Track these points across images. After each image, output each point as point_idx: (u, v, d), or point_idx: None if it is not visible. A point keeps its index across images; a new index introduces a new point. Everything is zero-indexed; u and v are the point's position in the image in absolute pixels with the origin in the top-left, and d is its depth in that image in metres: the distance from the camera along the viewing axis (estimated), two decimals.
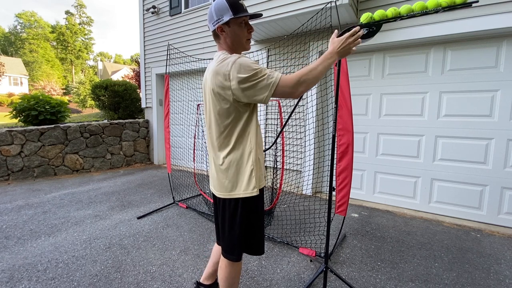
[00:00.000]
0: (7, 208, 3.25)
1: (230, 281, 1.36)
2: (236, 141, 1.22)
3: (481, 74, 2.86)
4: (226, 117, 1.19)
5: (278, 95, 1.12)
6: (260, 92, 1.10)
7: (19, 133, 4.49)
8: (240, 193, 1.24)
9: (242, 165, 1.23)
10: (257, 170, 1.24)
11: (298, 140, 3.91)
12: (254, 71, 1.09)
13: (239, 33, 1.24)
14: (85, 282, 1.87)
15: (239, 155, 1.23)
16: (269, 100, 1.13)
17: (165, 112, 3.42)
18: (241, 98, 1.13)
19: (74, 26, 40.54)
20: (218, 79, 1.14)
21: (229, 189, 1.25)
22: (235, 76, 1.09)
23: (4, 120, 11.46)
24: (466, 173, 2.98)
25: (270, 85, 1.09)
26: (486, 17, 2.64)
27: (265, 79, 1.10)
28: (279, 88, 1.10)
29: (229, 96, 1.14)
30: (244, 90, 1.11)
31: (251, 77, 1.09)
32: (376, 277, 1.96)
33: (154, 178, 4.89)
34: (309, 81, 1.12)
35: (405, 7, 1.35)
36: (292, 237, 2.52)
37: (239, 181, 1.23)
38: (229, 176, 1.24)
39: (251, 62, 1.11)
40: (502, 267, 2.10)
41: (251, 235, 1.30)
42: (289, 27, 3.59)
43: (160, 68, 5.82)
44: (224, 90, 1.14)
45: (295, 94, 1.13)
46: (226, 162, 1.24)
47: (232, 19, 1.19)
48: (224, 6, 1.18)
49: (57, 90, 24.41)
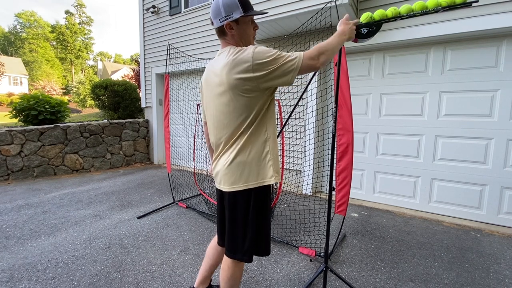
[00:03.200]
0: (7, 208, 3.25)
1: (232, 282, 1.33)
2: (253, 131, 1.19)
3: (481, 74, 2.86)
4: (246, 109, 1.17)
5: (303, 69, 1.14)
6: (286, 73, 1.12)
7: (19, 132, 4.49)
8: (255, 183, 1.21)
9: (258, 153, 1.21)
10: (273, 159, 1.24)
11: (298, 140, 3.91)
12: (276, 56, 1.11)
13: (247, 31, 1.24)
14: (85, 281, 1.87)
15: (255, 144, 1.21)
16: (294, 80, 1.15)
17: (165, 111, 3.42)
18: (267, 84, 1.14)
19: (74, 25, 40.49)
20: (239, 73, 1.11)
21: (243, 179, 1.20)
22: (259, 64, 1.09)
23: (4, 120, 11.45)
24: (466, 172, 2.98)
25: (295, 64, 1.12)
26: (486, 16, 2.64)
27: (289, 61, 1.11)
28: (304, 62, 1.13)
29: (254, 87, 1.13)
30: (269, 75, 1.11)
31: (274, 61, 1.10)
32: (376, 276, 1.97)
33: (154, 178, 4.89)
34: (328, 52, 1.17)
35: (405, 7, 1.35)
36: (292, 237, 2.52)
37: (254, 170, 1.21)
38: (245, 167, 1.20)
39: (268, 48, 1.13)
40: (501, 266, 2.11)
41: (261, 231, 1.26)
42: (289, 27, 3.59)
43: (160, 67, 5.82)
44: (249, 82, 1.12)
45: (317, 65, 1.16)
46: (241, 153, 1.20)
47: (242, 16, 1.19)
48: (234, 3, 1.17)
49: (57, 90, 24.39)
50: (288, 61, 1.11)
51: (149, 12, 5.84)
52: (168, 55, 3.74)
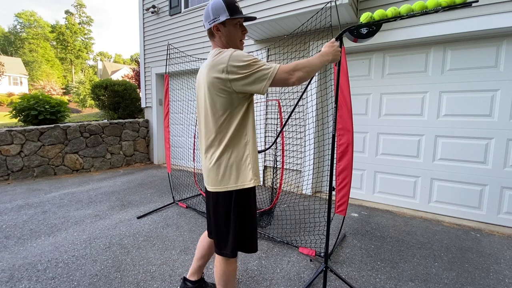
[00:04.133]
0: (7, 207, 3.25)
1: (225, 278, 1.36)
2: (233, 133, 1.23)
3: (481, 74, 2.86)
4: (224, 110, 1.21)
5: (276, 82, 1.16)
6: (258, 81, 1.14)
7: (19, 132, 4.49)
8: (235, 185, 1.25)
9: (238, 157, 1.25)
10: (253, 162, 1.27)
11: (298, 140, 3.91)
12: (251, 62, 1.14)
13: (234, 33, 1.29)
14: (85, 281, 1.87)
15: (236, 147, 1.25)
16: (266, 90, 1.16)
17: (165, 111, 3.42)
18: (240, 88, 1.16)
19: (74, 25, 40.48)
20: (215, 72, 1.16)
21: (225, 181, 1.26)
22: (233, 67, 1.13)
23: (3, 120, 11.45)
24: (466, 172, 2.98)
25: (268, 74, 1.14)
26: (486, 16, 2.64)
27: (263, 69, 1.14)
28: (278, 75, 1.15)
29: (228, 88, 1.17)
30: (241, 80, 1.14)
31: (248, 67, 1.13)
32: (376, 276, 1.97)
33: (154, 177, 4.89)
34: (305, 70, 1.19)
35: (405, 7, 1.35)
36: (292, 237, 2.52)
37: (234, 173, 1.25)
38: (226, 169, 1.25)
39: (247, 54, 1.17)
40: (501, 266, 2.11)
41: (244, 230, 1.31)
42: (289, 27, 3.59)
43: (160, 67, 5.82)
44: (223, 82, 1.16)
45: (291, 79, 1.17)
46: (222, 155, 1.25)
47: (228, 19, 1.24)
48: (221, 7, 1.23)
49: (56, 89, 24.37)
50: (262, 69, 1.14)
51: (149, 12, 5.84)
52: (168, 55, 3.74)
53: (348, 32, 1.55)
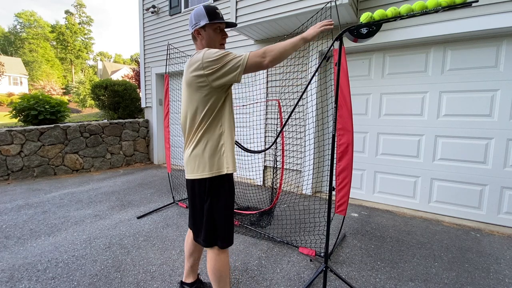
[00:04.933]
0: (7, 207, 3.25)
1: (217, 273, 1.38)
2: (209, 125, 1.33)
3: (481, 74, 2.86)
4: (201, 104, 1.31)
5: (250, 67, 1.24)
6: (232, 70, 1.23)
7: (18, 132, 4.49)
8: (210, 173, 1.32)
9: (213, 146, 1.33)
10: (228, 151, 1.35)
11: (298, 140, 3.91)
12: (222, 55, 1.23)
13: (213, 37, 1.40)
14: (85, 281, 1.87)
15: (211, 137, 1.33)
16: (241, 77, 1.25)
17: (165, 111, 3.42)
18: (217, 82, 1.26)
19: (73, 25, 40.47)
20: (193, 70, 1.28)
21: (200, 169, 1.33)
22: (207, 62, 1.23)
23: (3, 120, 11.45)
24: (466, 172, 2.98)
25: (240, 62, 1.23)
26: (486, 16, 2.64)
27: (234, 59, 1.23)
28: (250, 60, 1.23)
29: (205, 83, 1.27)
30: (216, 72, 1.24)
31: (220, 60, 1.23)
32: (376, 276, 1.97)
33: (154, 177, 4.89)
34: (276, 51, 1.25)
35: (405, 7, 1.35)
36: (292, 237, 2.52)
37: (209, 161, 1.33)
38: (202, 157, 1.33)
39: (217, 50, 1.27)
40: (501, 266, 2.11)
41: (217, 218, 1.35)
42: (289, 27, 3.58)
43: (160, 67, 5.82)
44: (201, 78, 1.26)
45: (264, 62, 1.25)
46: (198, 145, 1.34)
47: (207, 24, 1.36)
48: (202, 13, 1.36)
49: (56, 89, 24.37)
50: (233, 59, 1.23)
51: (149, 12, 5.84)
52: (168, 55, 3.74)
53: (348, 32, 1.55)
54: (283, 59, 1.28)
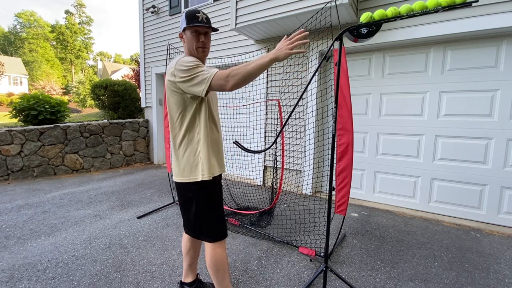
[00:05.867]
0: (7, 207, 3.25)
1: (213, 266, 1.42)
2: (186, 131, 1.38)
3: (481, 74, 2.86)
4: (177, 108, 1.37)
5: (214, 87, 1.24)
6: (198, 85, 1.25)
7: (18, 132, 4.48)
8: (188, 178, 1.39)
9: (192, 152, 1.39)
10: (204, 159, 1.38)
11: (298, 140, 3.91)
12: (191, 67, 1.26)
13: (190, 40, 1.42)
14: (85, 281, 1.87)
15: (190, 144, 1.39)
16: (206, 93, 1.24)
17: (165, 111, 3.41)
18: (184, 90, 1.30)
19: (73, 25, 40.46)
20: (168, 76, 1.35)
21: (183, 174, 1.40)
22: (178, 71, 1.28)
23: (3, 120, 11.45)
24: (466, 172, 2.98)
25: (206, 79, 1.23)
26: (486, 16, 2.64)
27: (201, 74, 1.24)
28: (214, 81, 1.22)
29: (177, 89, 1.33)
30: (184, 83, 1.28)
31: (188, 72, 1.26)
32: (376, 276, 1.97)
33: (154, 177, 4.89)
34: (240, 75, 1.19)
35: (405, 7, 1.35)
36: (292, 237, 2.52)
37: (188, 167, 1.39)
38: (183, 162, 1.40)
39: (190, 60, 1.29)
40: (501, 266, 2.11)
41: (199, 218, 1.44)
42: (289, 27, 3.58)
43: (160, 67, 5.82)
44: (173, 84, 1.32)
45: (227, 86, 1.22)
46: (179, 150, 1.41)
47: (186, 27, 1.40)
48: (183, 17, 1.42)
49: (56, 89, 24.36)
50: (200, 75, 1.25)
51: (149, 12, 5.84)
52: (168, 55, 3.74)
53: (348, 32, 1.55)
54: (248, 82, 1.23)
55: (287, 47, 1.20)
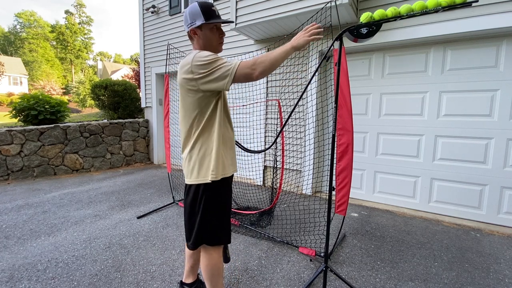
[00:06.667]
0: (7, 207, 3.25)
1: (208, 272, 1.40)
2: (202, 130, 1.31)
3: (481, 74, 2.86)
4: (193, 109, 1.29)
5: (239, 78, 1.20)
6: (220, 79, 1.20)
7: (18, 132, 4.49)
8: (203, 179, 1.32)
9: (207, 152, 1.32)
10: (218, 157, 1.32)
11: (298, 140, 3.91)
12: (211, 61, 1.19)
13: (210, 37, 1.34)
14: (85, 281, 1.87)
15: (204, 143, 1.32)
16: (230, 86, 1.21)
17: (165, 111, 3.42)
18: (205, 86, 1.23)
19: (73, 25, 40.47)
20: (183, 73, 1.25)
21: (194, 174, 1.33)
22: (196, 66, 1.20)
23: (4, 120, 11.44)
24: (466, 172, 2.98)
25: (229, 70, 1.19)
26: (486, 16, 2.64)
27: (223, 67, 1.19)
28: (239, 71, 1.18)
29: (195, 87, 1.24)
30: (204, 79, 1.20)
31: (208, 66, 1.19)
32: (375, 276, 1.97)
33: (154, 177, 4.89)
34: (267, 62, 1.19)
35: (405, 7, 1.35)
36: (292, 237, 2.52)
37: (201, 167, 1.32)
38: (195, 163, 1.33)
39: (208, 54, 1.22)
40: (501, 266, 2.11)
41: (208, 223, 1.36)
42: (289, 27, 3.58)
43: (160, 67, 5.82)
44: (190, 82, 1.24)
45: (254, 74, 1.20)
46: (192, 150, 1.33)
47: (204, 24, 1.30)
48: (197, 12, 1.30)
49: (56, 89, 24.36)
50: (223, 67, 1.19)
51: (149, 12, 5.84)
52: (168, 55, 3.74)
53: (348, 32, 1.55)
54: (273, 70, 1.24)
55: (305, 35, 1.27)
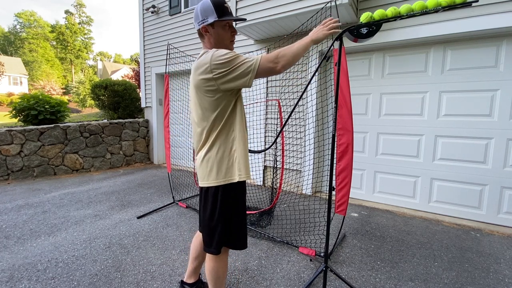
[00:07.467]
0: (7, 207, 3.25)
1: (214, 274, 1.37)
2: (221, 130, 1.26)
3: (481, 74, 2.86)
4: (212, 109, 1.24)
5: (261, 73, 1.18)
6: (242, 75, 1.17)
7: (18, 132, 4.48)
8: (223, 180, 1.27)
9: (226, 152, 1.28)
10: (240, 157, 1.28)
11: (298, 140, 3.91)
12: (231, 58, 1.16)
13: (222, 35, 1.30)
14: (85, 281, 1.87)
15: (223, 143, 1.27)
16: (252, 82, 1.19)
17: (165, 111, 3.42)
18: (226, 85, 1.19)
19: (73, 25, 40.47)
20: (200, 73, 1.20)
21: (212, 176, 1.28)
22: (216, 65, 1.16)
23: (4, 120, 11.44)
24: (466, 172, 2.98)
25: (251, 66, 1.16)
26: (486, 16, 2.64)
27: (245, 63, 1.16)
28: (262, 65, 1.17)
29: (214, 87, 1.20)
30: (225, 77, 1.17)
31: (229, 63, 1.15)
32: (375, 276, 1.97)
33: (154, 177, 4.89)
34: (289, 55, 1.19)
35: (405, 7, 1.35)
36: (292, 237, 2.52)
37: (220, 168, 1.27)
38: (213, 164, 1.27)
39: (227, 52, 1.18)
40: (501, 266, 2.11)
41: (230, 227, 1.32)
42: (289, 27, 3.58)
43: (160, 67, 5.82)
44: (209, 82, 1.19)
45: (277, 67, 1.19)
46: (210, 151, 1.28)
47: (217, 21, 1.26)
48: (209, 8, 1.25)
49: (56, 89, 24.37)
50: (244, 63, 1.16)
51: (149, 12, 5.84)
52: (168, 55, 3.74)
53: (348, 32, 1.55)
54: (294, 63, 1.23)
55: (323, 29, 1.30)
